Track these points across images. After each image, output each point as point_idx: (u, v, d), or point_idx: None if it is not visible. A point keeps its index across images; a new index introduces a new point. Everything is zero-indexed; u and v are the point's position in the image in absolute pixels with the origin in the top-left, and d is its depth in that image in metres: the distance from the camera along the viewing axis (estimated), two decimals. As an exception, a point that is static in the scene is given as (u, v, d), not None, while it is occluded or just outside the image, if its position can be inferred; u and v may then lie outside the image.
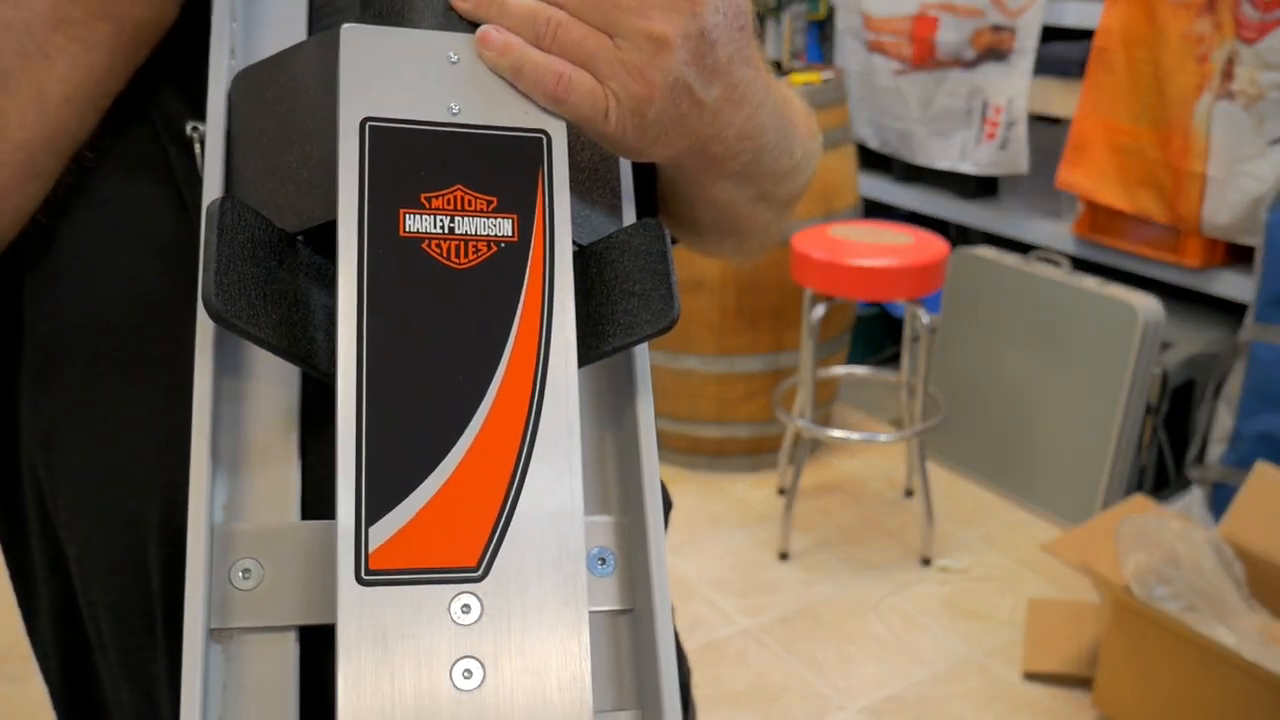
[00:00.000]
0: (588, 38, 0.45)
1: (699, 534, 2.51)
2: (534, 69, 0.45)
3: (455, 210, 0.43)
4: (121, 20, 0.48)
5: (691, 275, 2.56)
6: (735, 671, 2.07)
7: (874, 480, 2.76)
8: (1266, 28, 2.15)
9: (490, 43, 0.45)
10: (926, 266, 2.25)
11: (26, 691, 1.91)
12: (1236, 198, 2.25)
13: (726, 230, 0.67)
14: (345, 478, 0.40)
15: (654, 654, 0.45)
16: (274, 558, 0.44)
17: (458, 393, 0.42)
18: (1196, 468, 2.34)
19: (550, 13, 0.45)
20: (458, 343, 0.42)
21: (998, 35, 2.73)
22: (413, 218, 0.43)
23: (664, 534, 0.48)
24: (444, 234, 0.43)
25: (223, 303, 0.40)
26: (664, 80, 0.46)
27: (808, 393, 2.43)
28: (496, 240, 0.44)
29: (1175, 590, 1.74)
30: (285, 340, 0.43)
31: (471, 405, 0.42)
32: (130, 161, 0.53)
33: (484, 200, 0.44)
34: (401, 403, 0.41)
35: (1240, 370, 2.23)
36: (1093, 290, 2.46)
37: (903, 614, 2.24)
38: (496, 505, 0.41)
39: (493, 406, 0.42)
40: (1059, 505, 2.56)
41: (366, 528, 0.39)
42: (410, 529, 0.40)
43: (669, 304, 0.45)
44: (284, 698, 0.44)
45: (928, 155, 3.03)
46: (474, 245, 0.43)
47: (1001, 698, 2.00)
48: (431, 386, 0.41)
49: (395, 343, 0.41)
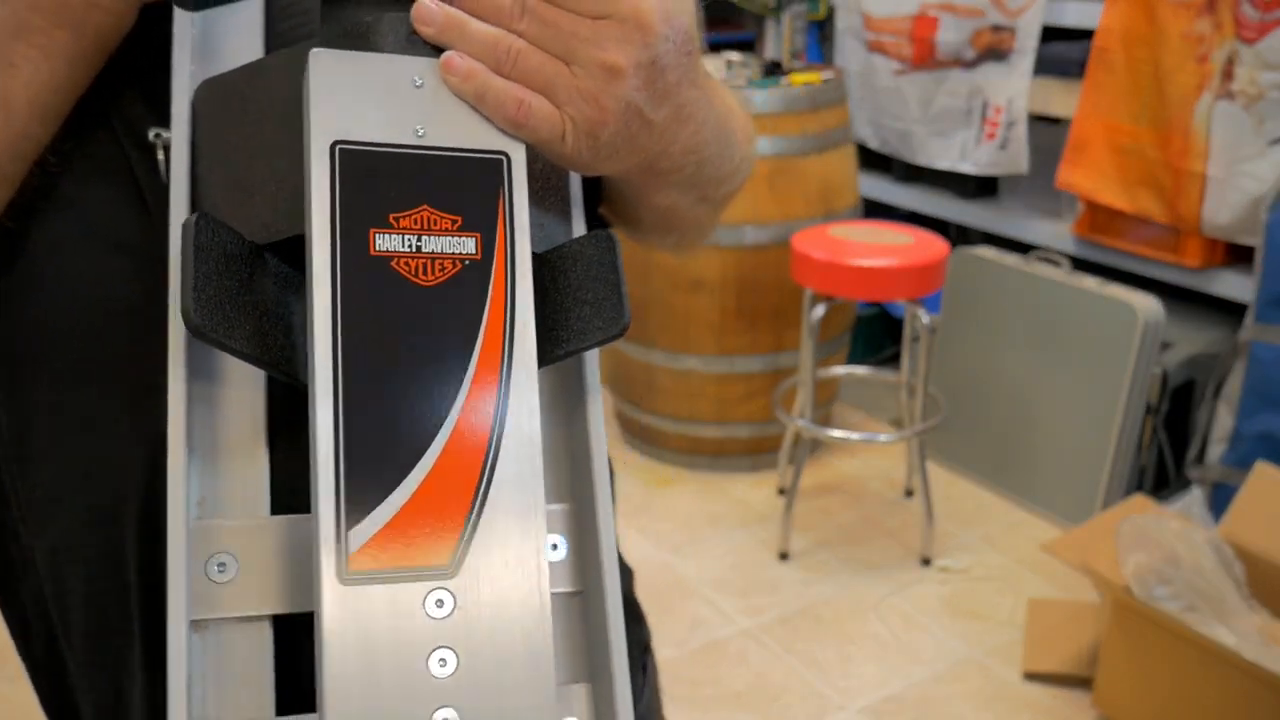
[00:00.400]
0: (546, 65, 0.48)
1: (699, 534, 2.51)
2: (496, 95, 0.47)
3: (422, 230, 0.46)
4: (80, 27, 0.49)
5: (691, 275, 2.57)
6: (735, 671, 2.07)
7: (874, 480, 2.77)
8: (1266, 28, 2.15)
9: (454, 69, 0.47)
10: (926, 266, 2.25)
11: (26, 691, 1.92)
12: (1236, 198, 2.25)
13: (668, 229, 0.71)
14: (325, 483, 0.42)
15: (604, 632, 0.49)
16: (247, 551, 0.47)
17: (428, 403, 0.44)
18: (1196, 468, 2.34)
19: (511, 41, 0.47)
20: (426, 356, 0.45)
21: (998, 35, 2.73)
22: (382, 237, 0.45)
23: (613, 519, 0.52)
24: (411, 252, 0.45)
25: (201, 318, 0.42)
26: (617, 106, 0.49)
27: (808, 393, 2.43)
28: (460, 258, 0.46)
29: (1175, 590, 1.74)
30: (260, 349, 0.45)
31: (441, 414, 0.44)
32: (92, 165, 0.54)
33: (449, 220, 0.46)
34: (375, 413, 0.44)
35: (1240, 370, 2.23)
36: (1093, 290, 2.46)
37: (903, 614, 2.24)
38: (465, 506, 0.44)
39: (460, 415, 0.45)
40: (1059, 505, 2.56)
41: (346, 531, 0.42)
42: (387, 531, 0.43)
43: (620, 313, 0.48)
44: (261, 683, 0.47)
45: (928, 155, 3.03)
46: (440, 263, 0.46)
47: (1001, 698, 2.00)
48: (403, 398, 0.44)
49: (368, 356, 0.44)
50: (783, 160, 2.54)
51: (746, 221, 2.53)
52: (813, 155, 2.58)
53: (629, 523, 2.52)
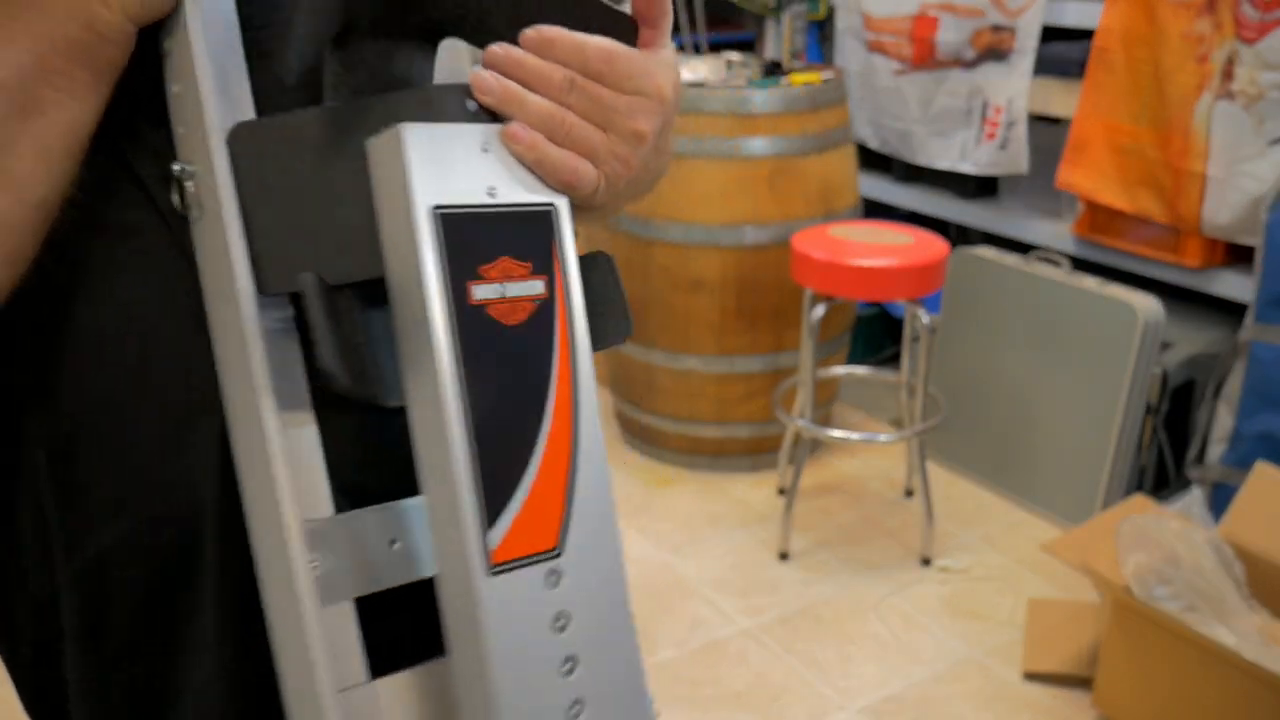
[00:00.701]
0: (591, 134, 0.57)
1: (699, 534, 2.51)
2: (553, 163, 0.56)
3: (505, 278, 0.54)
4: (96, 64, 0.53)
5: (691, 275, 2.57)
6: (735, 671, 2.07)
7: (874, 480, 2.77)
8: (1266, 28, 2.15)
9: (519, 139, 0.55)
10: (926, 266, 2.25)
11: (26, 691, 1.92)
12: (1236, 198, 2.25)
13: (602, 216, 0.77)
14: (466, 496, 0.52)
15: None
16: (331, 545, 0.56)
17: (526, 421, 0.55)
18: (1196, 468, 2.34)
19: (564, 115, 0.56)
20: (520, 384, 0.55)
21: (998, 35, 2.74)
22: (478, 287, 0.53)
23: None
24: (499, 299, 0.54)
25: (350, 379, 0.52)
26: (639, 163, 0.59)
27: (808, 393, 2.43)
28: (535, 298, 0.55)
29: (1175, 590, 1.74)
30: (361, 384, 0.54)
31: (536, 430, 0.55)
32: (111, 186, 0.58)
33: (524, 267, 0.55)
34: (491, 435, 0.53)
35: (1240, 370, 2.23)
36: (1093, 290, 2.46)
37: (903, 614, 2.24)
38: (561, 500, 0.55)
39: (550, 427, 0.55)
40: (1059, 505, 2.56)
41: (486, 534, 0.53)
42: (514, 530, 0.53)
43: (627, 321, 0.61)
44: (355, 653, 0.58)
45: (928, 155, 3.03)
46: (521, 305, 0.55)
47: (1001, 698, 2.00)
48: (509, 420, 0.54)
49: (479, 390, 0.53)
50: (783, 160, 2.54)
51: (746, 221, 2.53)
52: (813, 155, 2.58)
53: (629, 523, 2.52)
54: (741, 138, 2.51)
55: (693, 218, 2.53)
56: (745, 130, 2.51)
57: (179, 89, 0.56)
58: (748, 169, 2.53)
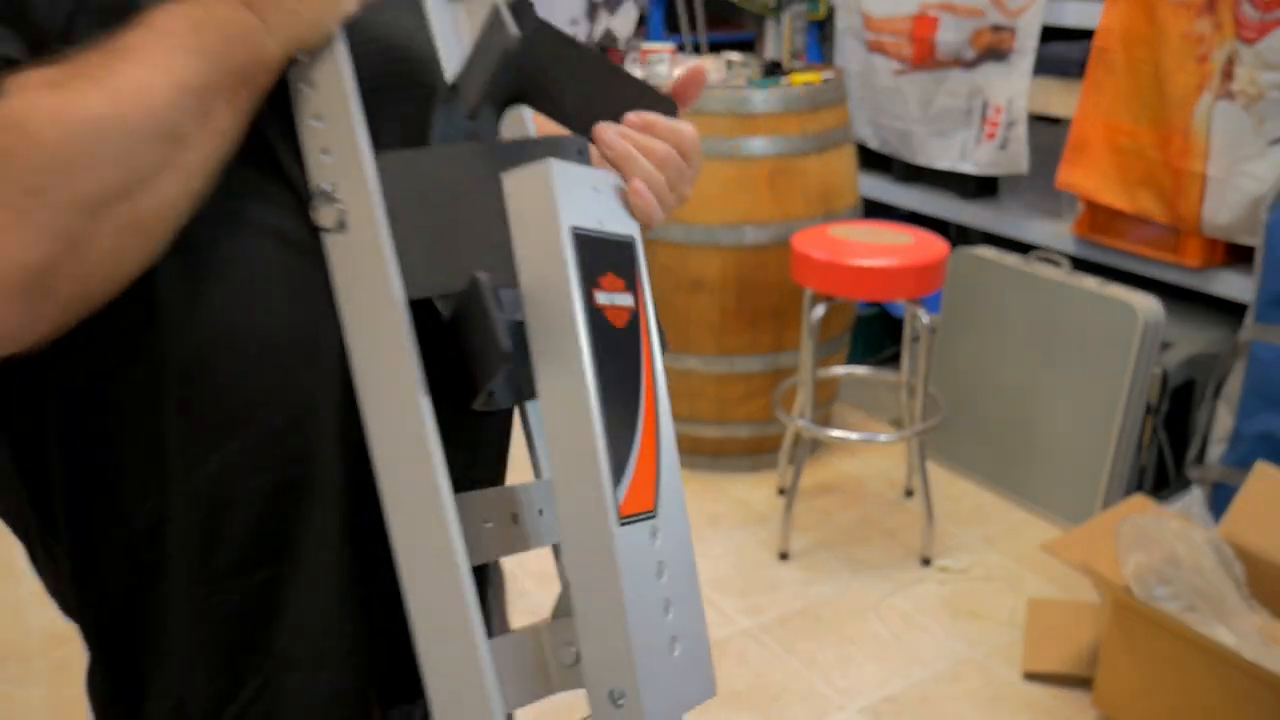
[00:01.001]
0: (668, 194, 0.74)
1: (699, 534, 2.51)
2: (655, 214, 0.72)
3: (612, 289, 0.67)
4: (255, 85, 0.64)
5: (691, 275, 2.57)
6: (735, 671, 2.07)
7: (874, 480, 2.77)
8: (1266, 28, 2.15)
9: (641, 194, 0.71)
10: (926, 266, 2.25)
11: (26, 691, 1.91)
12: (1236, 198, 2.25)
13: None
14: (603, 462, 0.63)
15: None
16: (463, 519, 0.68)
17: (631, 404, 0.67)
18: (1196, 468, 2.34)
19: (662, 180, 0.73)
20: (626, 372, 0.67)
21: (998, 35, 2.73)
22: (598, 294, 0.66)
23: None
24: (610, 305, 0.67)
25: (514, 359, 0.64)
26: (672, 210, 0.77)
27: (808, 393, 2.43)
28: (629, 308, 0.69)
29: (1175, 590, 1.74)
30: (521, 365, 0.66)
31: (635, 411, 0.67)
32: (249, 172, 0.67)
33: (621, 282, 0.68)
34: (612, 414, 0.65)
35: (1240, 370, 2.23)
36: (1093, 290, 2.46)
37: (903, 614, 2.24)
38: (654, 471, 0.68)
39: (644, 412, 0.68)
40: (1059, 505, 2.56)
41: (615, 494, 0.64)
42: (629, 494, 0.65)
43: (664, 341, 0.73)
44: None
45: (928, 155, 3.03)
46: (623, 312, 0.68)
47: (1001, 698, 2.00)
48: (621, 403, 0.66)
49: (603, 376, 0.65)
50: (783, 160, 2.54)
51: (746, 221, 2.53)
52: (813, 155, 2.58)
53: (629, 523, 2.52)
54: (741, 138, 2.51)
55: (693, 218, 2.53)
56: (745, 130, 2.51)
57: (321, 118, 0.66)
58: (748, 169, 2.53)
